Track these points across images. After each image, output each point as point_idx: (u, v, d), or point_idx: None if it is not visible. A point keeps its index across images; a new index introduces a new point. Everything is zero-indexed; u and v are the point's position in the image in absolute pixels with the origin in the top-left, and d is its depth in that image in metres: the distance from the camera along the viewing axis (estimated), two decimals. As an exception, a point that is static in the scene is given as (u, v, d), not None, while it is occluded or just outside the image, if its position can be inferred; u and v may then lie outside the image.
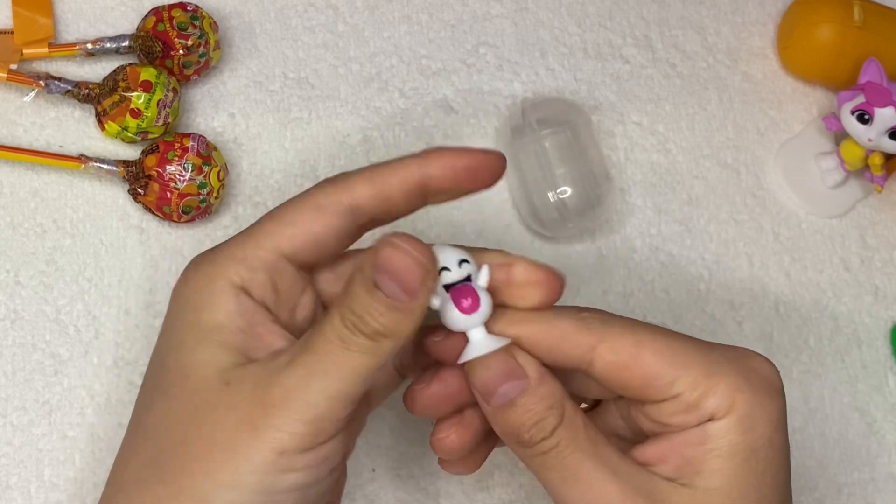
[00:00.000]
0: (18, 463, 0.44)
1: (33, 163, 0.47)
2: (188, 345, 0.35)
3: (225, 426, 0.33)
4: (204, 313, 0.35)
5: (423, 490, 0.46)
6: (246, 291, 0.35)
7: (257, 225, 0.37)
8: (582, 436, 0.36)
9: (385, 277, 0.34)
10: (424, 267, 0.34)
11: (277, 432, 0.33)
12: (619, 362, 0.36)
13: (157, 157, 0.46)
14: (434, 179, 0.37)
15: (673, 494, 0.36)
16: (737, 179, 0.54)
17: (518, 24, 0.55)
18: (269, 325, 0.36)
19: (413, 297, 0.34)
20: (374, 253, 0.34)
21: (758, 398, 0.37)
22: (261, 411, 0.33)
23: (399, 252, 0.34)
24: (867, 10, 0.54)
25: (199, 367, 0.34)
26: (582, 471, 0.36)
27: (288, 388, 0.33)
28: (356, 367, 0.34)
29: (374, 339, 0.34)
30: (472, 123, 0.52)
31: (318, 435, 0.33)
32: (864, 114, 0.51)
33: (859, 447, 0.51)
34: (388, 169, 0.37)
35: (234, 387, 0.34)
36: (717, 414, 0.36)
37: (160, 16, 0.49)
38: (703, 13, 0.57)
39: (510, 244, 0.50)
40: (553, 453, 0.36)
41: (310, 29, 0.53)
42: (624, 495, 0.35)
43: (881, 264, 0.54)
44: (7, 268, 0.46)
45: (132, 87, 0.46)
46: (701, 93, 0.55)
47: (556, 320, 0.37)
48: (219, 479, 0.33)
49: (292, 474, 0.33)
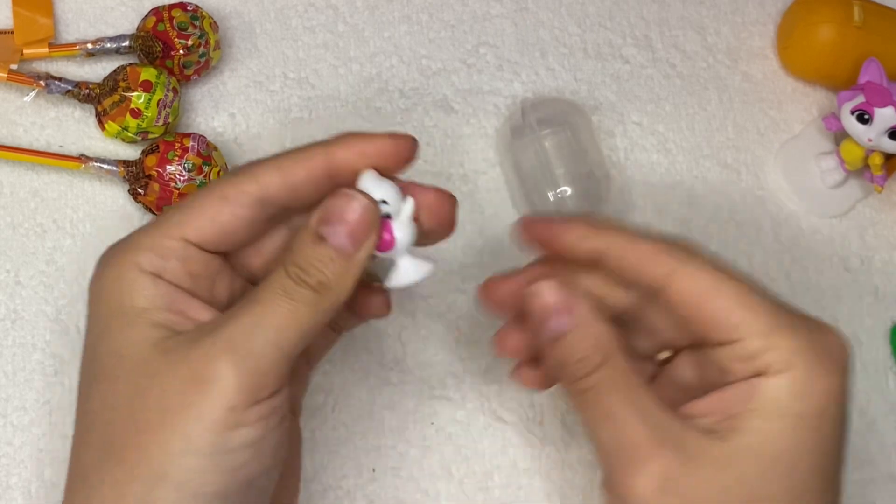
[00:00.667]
0: (19, 463, 0.44)
1: (33, 163, 0.47)
2: (115, 330, 0.35)
3: (171, 390, 0.33)
4: (125, 300, 0.35)
5: (423, 491, 0.46)
6: (159, 276, 0.36)
7: (165, 214, 0.37)
8: (622, 380, 0.37)
9: (332, 229, 0.35)
10: (373, 218, 0.36)
11: (224, 385, 0.33)
12: (693, 293, 0.37)
13: (157, 157, 0.46)
14: (342, 166, 0.37)
15: (704, 446, 0.36)
16: (737, 179, 0.54)
17: (518, 24, 0.55)
18: (190, 302, 0.36)
19: (358, 248, 0.35)
20: (321, 206, 0.35)
21: (818, 367, 0.36)
22: (205, 366, 0.33)
23: (351, 203, 0.35)
24: (867, 10, 0.54)
25: (132, 345, 0.35)
26: (615, 412, 0.36)
27: (232, 340, 0.34)
28: (301, 318, 0.34)
29: (318, 291, 0.35)
30: (472, 123, 0.52)
31: (264, 388, 0.34)
32: (864, 114, 0.50)
33: (859, 447, 0.50)
34: (294, 157, 0.37)
35: (173, 352, 0.34)
36: (770, 370, 0.36)
37: (160, 16, 0.49)
38: (703, 13, 0.57)
39: (510, 244, 0.50)
40: (592, 392, 0.37)
41: (310, 29, 0.53)
42: (650, 440, 0.36)
43: (881, 264, 0.54)
44: (7, 268, 0.47)
45: (132, 87, 0.46)
46: (701, 93, 0.55)
47: (644, 239, 0.38)
48: (172, 446, 0.33)
49: (243, 429, 0.33)
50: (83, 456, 0.35)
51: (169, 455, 0.33)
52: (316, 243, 0.35)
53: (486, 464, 0.47)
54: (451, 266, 0.50)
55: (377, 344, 0.48)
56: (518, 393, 0.48)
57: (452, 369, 0.48)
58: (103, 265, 0.37)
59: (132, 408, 0.34)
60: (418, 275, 0.38)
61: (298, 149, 0.37)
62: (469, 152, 0.52)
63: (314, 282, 0.35)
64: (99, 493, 0.34)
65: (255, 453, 0.34)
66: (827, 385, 0.37)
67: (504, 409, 0.48)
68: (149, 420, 0.33)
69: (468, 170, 0.52)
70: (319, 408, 0.47)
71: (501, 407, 0.48)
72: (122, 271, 0.36)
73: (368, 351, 0.48)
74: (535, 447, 0.48)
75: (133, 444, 0.33)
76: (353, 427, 0.47)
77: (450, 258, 0.50)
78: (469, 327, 0.49)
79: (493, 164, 0.52)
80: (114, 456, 0.34)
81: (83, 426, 0.36)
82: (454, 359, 0.49)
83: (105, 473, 0.34)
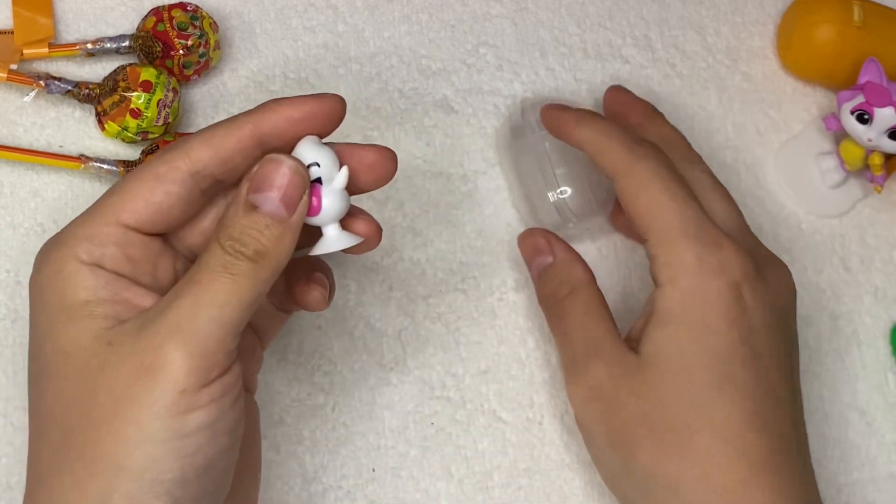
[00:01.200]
0: (19, 463, 0.44)
1: (33, 163, 0.47)
2: (59, 327, 0.35)
3: (120, 381, 0.33)
4: (67, 295, 0.35)
5: (423, 491, 0.46)
6: (99, 266, 0.36)
7: (99, 201, 0.37)
8: (582, 306, 0.44)
9: (263, 195, 0.35)
10: (303, 181, 0.36)
11: (173, 369, 0.33)
12: (627, 191, 0.43)
13: None
14: (271, 134, 0.37)
15: (624, 358, 0.42)
16: (737, 179, 0.54)
17: (518, 24, 0.55)
18: (133, 290, 0.36)
19: (292, 212, 0.35)
20: (249, 174, 0.36)
21: (702, 277, 0.40)
22: (152, 353, 0.33)
23: (280, 168, 0.35)
24: (867, 10, 0.54)
25: (76, 341, 0.35)
26: (569, 332, 0.44)
27: (176, 323, 0.33)
28: (241, 291, 0.34)
29: (255, 261, 0.34)
30: (472, 123, 0.52)
31: (213, 368, 0.34)
32: (864, 114, 0.50)
33: (859, 447, 0.51)
34: (223, 129, 0.37)
35: (118, 343, 0.34)
36: (663, 278, 0.41)
37: (160, 16, 0.49)
38: (702, 13, 0.57)
39: (510, 244, 0.50)
40: (558, 313, 0.45)
41: (310, 29, 0.53)
42: (586, 356, 0.43)
43: (881, 264, 0.54)
44: (7, 268, 0.47)
45: (132, 87, 0.46)
46: (700, 93, 0.55)
47: (614, 137, 0.44)
48: (127, 435, 0.33)
49: (197, 412, 0.33)
50: (41, 456, 0.35)
51: (125, 446, 0.33)
52: (249, 212, 0.35)
53: (486, 464, 0.47)
54: (451, 266, 0.50)
55: (377, 344, 0.48)
56: (518, 393, 0.48)
57: (452, 369, 0.48)
58: (42, 260, 0.36)
59: (84, 403, 0.34)
60: (343, 244, 0.37)
61: (227, 120, 0.37)
62: (469, 152, 0.52)
63: (251, 252, 0.34)
64: (60, 491, 0.34)
65: (211, 435, 0.34)
66: (712, 295, 0.40)
67: (504, 409, 0.48)
68: (101, 414, 0.33)
69: (468, 170, 0.52)
70: (319, 408, 0.47)
71: (501, 407, 0.48)
72: (61, 265, 0.35)
73: (368, 351, 0.48)
74: (535, 447, 0.48)
75: (89, 440, 0.33)
76: (353, 427, 0.47)
77: (450, 258, 0.50)
78: (469, 327, 0.49)
79: (493, 164, 0.52)
80: (71, 453, 0.34)
81: (37, 426, 0.36)
82: (454, 359, 0.49)
83: (64, 471, 0.34)
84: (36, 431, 0.36)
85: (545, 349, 0.49)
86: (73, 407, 0.34)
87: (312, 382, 0.47)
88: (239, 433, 0.36)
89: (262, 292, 0.35)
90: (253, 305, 0.35)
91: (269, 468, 0.45)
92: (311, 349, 0.47)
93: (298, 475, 0.46)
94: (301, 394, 0.47)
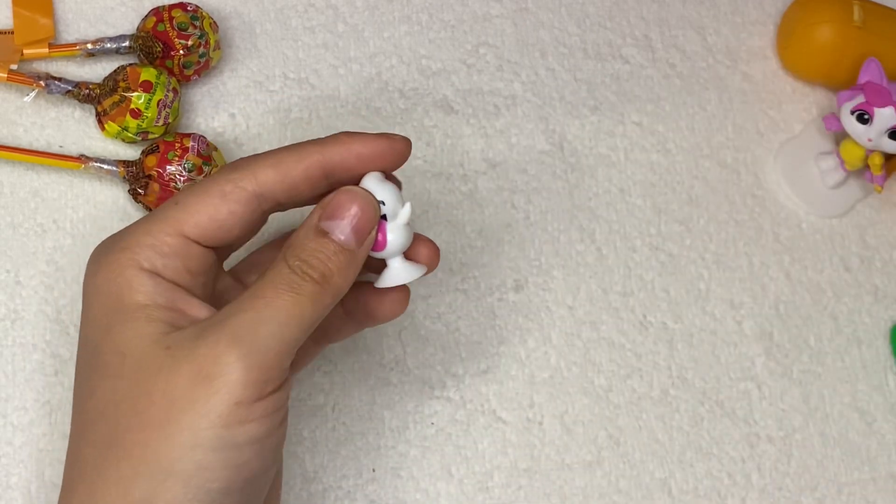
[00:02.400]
0: (19, 463, 0.44)
1: (34, 163, 0.47)
2: (116, 327, 0.35)
3: (177, 385, 0.33)
4: (125, 297, 0.35)
5: (423, 491, 0.46)
6: (158, 274, 0.36)
7: (163, 210, 0.37)
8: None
9: (335, 223, 0.36)
10: (375, 215, 0.37)
11: (231, 380, 0.33)
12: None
13: (157, 158, 0.46)
14: (337, 166, 0.38)
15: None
16: (736, 179, 0.54)
17: (518, 25, 0.55)
18: (189, 300, 0.36)
19: (360, 243, 0.36)
20: (323, 202, 0.36)
21: None
22: (211, 361, 0.33)
23: (355, 199, 0.36)
24: (867, 10, 0.54)
25: (133, 342, 0.35)
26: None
27: (237, 334, 0.33)
28: (304, 311, 0.35)
29: (320, 284, 0.35)
30: (472, 123, 0.52)
31: (269, 382, 0.34)
32: (864, 114, 0.50)
33: (859, 447, 0.51)
34: (292, 155, 0.37)
35: (176, 348, 0.34)
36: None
37: (160, 16, 0.49)
38: (702, 13, 0.57)
39: (510, 244, 0.50)
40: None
41: (310, 29, 0.53)
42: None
43: (881, 264, 0.54)
44: (7, 268, 0.47)
45: (132, 88, 0.46)
46: (700, 93, 0.55)
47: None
48: (179, 440, 0.33)
49: (250, 425, 0.33)
50: (84, 452, 0.35)
51: (176, 450, 0.33)
52: (319, 237, 0.36)
53: (486, 464, 0.47)
54: (451, 266, 0.50)
55: (377, 344, 0.48)
56: (518, 393, 0.48)
57: (452, 369, 0.48)
58: (100, 262, 0.37)
59: (136, 404, 0.34)
60: (408, 277, 0.39)
61: (294, 146, 0.38)
62: (469, 152, 0.52)
63: (317, 275, 0.35)
64: (103, 488, 0.34)
65: (259, 450, 0.34)
66: None
67: (504, 409, 0.48)
68: (154, 416, 0.33)
69: (468, 170, 0.52)
70: (319, 408, 0.47)
71: (501, 407, 0.48)
72: (121, 268, 0.36)
73: (368, 351, 0.48)
74: (535, 447, 0.48)
75: (138, 440, 0.33)
76: (353, 427, 0.47)
77: (450, 258, 0.50)
78: (469, 327, 0.49)
79: (493, 163, 0.52)
80: (118, 452, 0.34)
81: (83, 423, 0.36)
82: (454, 359, 0.49)
83: (109, 469, 0.34)
84: (79, 429, 0.36)
85: (545, 349, 0.49)
86: (125, 406, 0.34)
87: (312, 382, 0.47)
88: (281, 451, 0.36)
89: (322, 315, 0.36)
90: (312, 326, 0.35)
91: (269, 468, 0.45)
92: (311, 349, 0.47)
93: (298, 475, 0.46)
94: (301, 394, 0.47)
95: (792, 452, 0.50)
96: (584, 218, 0.52)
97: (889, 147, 0.51)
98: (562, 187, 0.52)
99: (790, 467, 0.49)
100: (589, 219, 0.52)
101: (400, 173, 0.50)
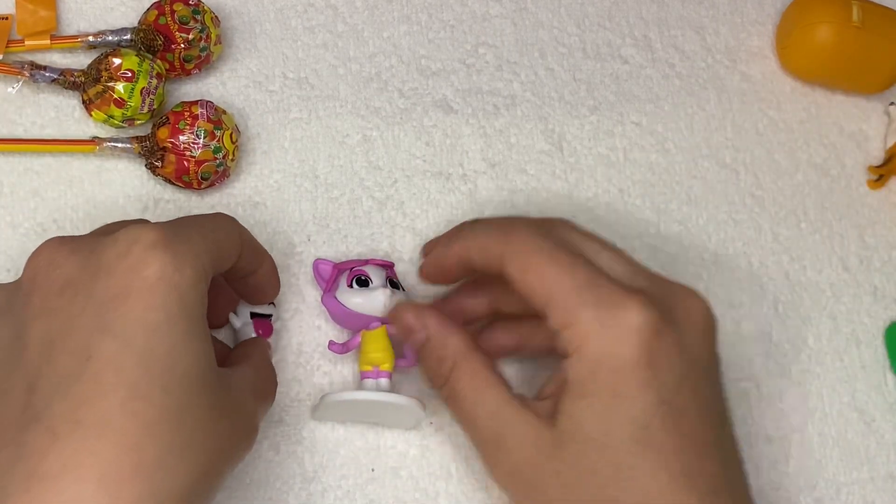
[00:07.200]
0: (19, 463, 0.44)
1: (46, 152, 0.47)
2: (184, 338, 0.36)
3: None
4: (197, 308, 0.37)
5: (423, 491, 0.46)
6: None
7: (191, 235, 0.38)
8: (471, 380, 0.41)
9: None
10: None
11: None
12: (516, 271, 0.41)
13: (168, 129, 0.46)
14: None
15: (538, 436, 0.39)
16: (735, 179, 0.54)
17: (517, 25, 0.55)
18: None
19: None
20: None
21: (607, 341, 0.38)
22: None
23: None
24: (866, 10, 0.54)
25: (193, 362, 0.36)
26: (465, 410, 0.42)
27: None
28: None
29: None
30: (471, 123, 0.52)
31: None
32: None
33: (858, 446, 0.51)
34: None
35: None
36: (570, 348, 0.39)
37: (162, 9, 0.49)
38: (702, 13, 0.57)
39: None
40: (450, 390, 0.42)
41: (310, 29, 0.53)
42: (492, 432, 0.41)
43: (880, 264, 0.54)
44: (7, 268, 0.46)
45: (115, 77, 0.46)
46: (700, 93, 0.55)
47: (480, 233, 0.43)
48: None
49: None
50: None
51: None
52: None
53: (486, 464, 0.47)
54: (450, 266, 0.50)
55: (377, 344, 0.48)
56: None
57: (452, 369, 0.48)
58: (181, 262, 0.36)
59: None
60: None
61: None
62: (469, 152, 0.52)
63: None
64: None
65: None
66: (619, 360, 0.38)
67: (504, 408, 0.48)
68: None
69: (468, 170, 0.52)
70: (319, 408, 0.47)
71: (501, 407, 0.48)
72: (199, 277, 0.37)
73: (368, 351, 0.48)
74: (535, 447, 0.48)
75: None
76: (352, 427, 0.47)
77: (449, 258, 0.50)
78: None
79: (493, 163, 0.52)
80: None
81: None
82: (454, 359, 0.48)
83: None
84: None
85: (545, 349, 0.49)
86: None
87: (312, 383, 0.47)
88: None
89: None
90: None
91: (268, 468, 0.45)
92: (311, 349, 0.47)
93: (298, 475, 0.45)
94: (301, 394, 0.47)
95: (791, 452, 0.50)
96: (583, 218, 0.52)
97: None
98: (561, 187, 0.52)
99: (789, 467, 0.49)
100: (588, 219, 0.52)
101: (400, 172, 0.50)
